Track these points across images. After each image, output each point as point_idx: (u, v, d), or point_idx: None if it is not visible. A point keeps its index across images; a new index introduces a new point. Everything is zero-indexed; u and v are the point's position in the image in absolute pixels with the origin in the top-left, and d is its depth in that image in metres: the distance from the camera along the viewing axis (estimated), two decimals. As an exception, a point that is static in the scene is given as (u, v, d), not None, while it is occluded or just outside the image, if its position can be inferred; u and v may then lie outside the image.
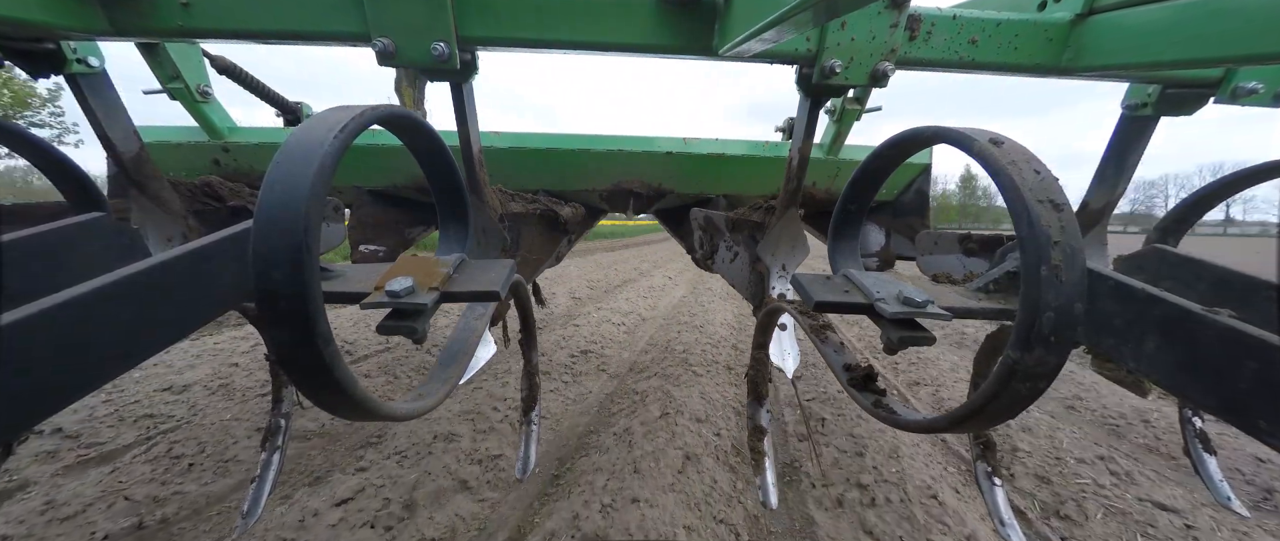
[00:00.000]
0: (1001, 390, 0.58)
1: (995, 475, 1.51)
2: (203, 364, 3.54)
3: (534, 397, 1.63)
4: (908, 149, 0.88)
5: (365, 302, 0.73)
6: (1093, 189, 1.54)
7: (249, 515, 1.51)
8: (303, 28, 1.12)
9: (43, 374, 0.56)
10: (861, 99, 2.09)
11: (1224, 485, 1.69)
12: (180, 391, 3.05)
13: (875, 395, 0.88)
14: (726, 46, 1.04)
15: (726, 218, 1.84)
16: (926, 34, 1.22)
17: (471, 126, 1.32)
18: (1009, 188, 0.58)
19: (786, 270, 1.58)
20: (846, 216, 1.09)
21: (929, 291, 0.86)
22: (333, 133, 0.54)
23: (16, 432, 0.56)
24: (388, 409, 0.66)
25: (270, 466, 1.55)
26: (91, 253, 0.98)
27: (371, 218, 2.00)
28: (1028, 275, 0.55)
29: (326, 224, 1.33)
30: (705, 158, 2.07)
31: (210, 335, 4.33)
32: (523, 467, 1.58)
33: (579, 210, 2.05)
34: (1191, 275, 1.18)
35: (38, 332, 0.55)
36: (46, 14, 1.02)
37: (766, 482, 1.45)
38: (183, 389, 3.09)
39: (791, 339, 1.58)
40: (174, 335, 0.75)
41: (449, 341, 1.03)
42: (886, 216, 2.20)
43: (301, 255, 0.49)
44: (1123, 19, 1.14)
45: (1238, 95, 1.24)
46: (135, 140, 1.37)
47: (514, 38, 1.14)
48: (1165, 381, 0.78)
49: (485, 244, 1.48)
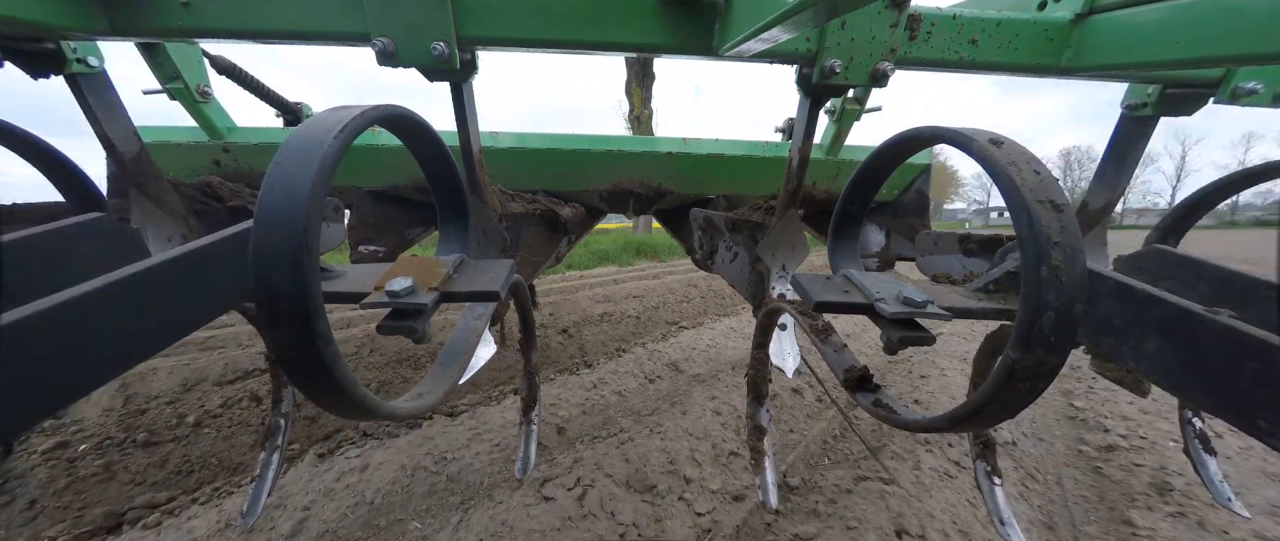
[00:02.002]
0: (1001, 390, 0.58)
1: (995, 475, 1.51)
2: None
3: (534, 397, 1.63)
4: (908, 149, 0.88)
5: (365, 302, 0.73)
6: (1093, 189, 1.54)
7: (248, 515, 1.51)
8: (303, 28, 1.12)
9: (43, 374, 0.55)
10: (861, 99, 2.09)
11: (1224, 486, 1.69)
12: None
13: (874, 395, 0.88)
14: (726, 46, 1.04)
15: (726, 218, 1.84)
16: (926, 34, 1.22)
17: (471, 126, 1.32)
18: (1009, 188, 0.58)
19: (786, 270, 1.58)
20: (846, 217, 1.09)
21: (929, 291, 0.86)
22: (333, 133, 0.54)
23: (17, 432, 0.56)
24: (388, 408, 0.66)
25: (270, 466, 1.55)
26: (91, 253, 0.98)
27: (371, 218, 2.00)
28: (1028, 275, 0.55)
29: (326, 224, 1.33)
30: (705, 158, 2.07)
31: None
32: (523, 467, 1.58)
33: (579, 210, 2.04)
34: (1192, 275, 1.18)
35: (38, 332, 0.55)
36: (46, 14, 1.02)
37: (767, 482, 1.45)
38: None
39: (791, 339, 1.58)
40: (174, 335, 0.75)
41: (449, 341, 1.03)
42: (886, 216, 2.20)
43: (301, 255, 0.49)
44: (1123, 19, 1.15)
45: (1238, 95, 1.24)
46: (135, 140, 1.37)
47: (514, 38, 1.14)
48: (1165, 381, 0.78)
49: (485, 244, 1.48)
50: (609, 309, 6.08)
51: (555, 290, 7.23)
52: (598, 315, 5.72)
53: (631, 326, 5.48)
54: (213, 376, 3.40)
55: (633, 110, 11.42)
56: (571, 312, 5.80)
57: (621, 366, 4.06)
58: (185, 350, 3.75)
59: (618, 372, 3.91)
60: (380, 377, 3.68)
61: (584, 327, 5.24)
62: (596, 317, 5.63)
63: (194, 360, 3.54)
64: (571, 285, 7.76)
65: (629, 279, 8.73)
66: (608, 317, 5.68)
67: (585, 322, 5.41)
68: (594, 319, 5.57)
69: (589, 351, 4.48)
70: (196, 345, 3.90)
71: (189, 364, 3.46)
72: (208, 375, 3.40)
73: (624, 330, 5.31)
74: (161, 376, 3.27)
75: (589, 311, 5.88)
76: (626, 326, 5.47)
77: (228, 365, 3.52)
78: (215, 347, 3.91)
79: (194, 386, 3.27)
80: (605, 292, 7.12)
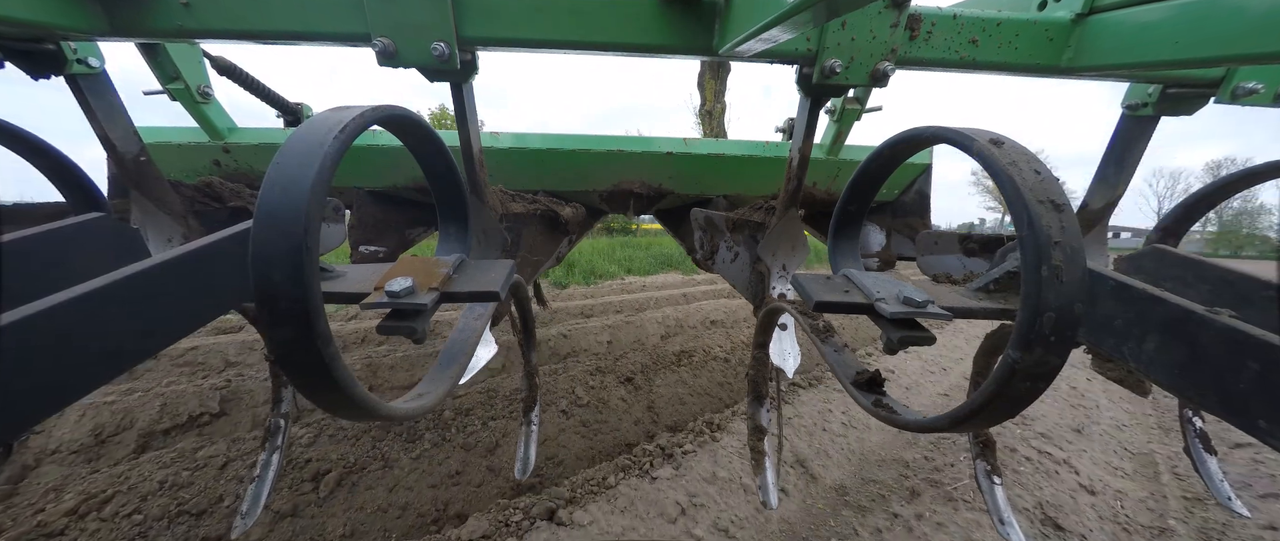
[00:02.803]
0: (1002, 390, 0.58)
1: (995, 474, 1.51)
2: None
3: (533, 398, 1.63)
4: (908, 149, 0.88)
5: (365, 303, 0.73)
6: (1093, 189, 1.54)
7: (248, 515, 1.51)
8: (303, 28, 1.12)
9: (43, 374, 0.55)
10: (861, 99, 2.09)
11: (1224, 485, 1.69)
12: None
13: (875, 395, 0.88)
14: (726, 46, 1.04)
15: (726, 218, 1.84)
16: (926, 34, 1.22)
17: (472, 127, 1.32)
18: (1009, 188, 0.58)
19: (787, 270, 1.58)
20: (847, 217, 1.09)
21: (929, 291, 0.86)
22: (333, 133, 0.54)
23: (17, 432, 0.56)
24: (387, 409, 0.66)
25: (270, 466, 1.55)
26: (91, 253, 0.98)
27: (371, 218, 2.00)
28: (1028, 275, 0.55)
29: (327, 224, 1.33)
30: (705, 158, 2.06)
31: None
32: (522, 468, 1.58)
33: (579, 210, 2.04)
34: (1192, 275, 1.17)
35: (38, 332, 0.55)
36: (46, 14, 1.02)
37: (767, 482, 1.45)
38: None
39: (791, 339, 1.58)
40: (174, 335, 0.75)
41: (449, 341, 1.03)
42: (887, 217, 2.20)
43: (301, 255, 0.49)
44: (1123, 19, 1.14)
45: (1238, 95, 1.24)
46: (135, 141, 1.37)
47: (514, 38, 1.14)
48: (1166, 381, 0.78)
49: (485, 244, 1.48)
50: (685, 344, 4.67)
51: (613, 306, 5.75)
52: (672, 355, 4.28)
53: (718, 372, 4.06)
54: (142, 423, 2.40)
55: (704, 104, 11.07)
56: (635, 345, 4.54)
57: (720, 460, 2.57)
58: (124, 377, 2.79)
59: (716, 476, 2.42)
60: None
61: (654, 374, 3.84)
62: (670, 358, 4.21)
63: (130, 392, 2.58)
64: (634, 298, 6.30)
65: (701, 293, 7.12)
66: (686, 359, 4.26)
67: (656, 366, 4.01)
68: (667, 360, 4.17)
69: (664, 417, 3.12)
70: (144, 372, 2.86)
71: (114, 404, 2.45)
72: (135, 421, 2.39)
73: (709, 379, 3.89)
74: (69, 421, 2.34)
75: (659, 348, 4.51)
76: (712, 373, 4.03)
77: (165, 407, 2.53)
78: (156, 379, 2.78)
79: (110, 437, 2.33)
80: (676, 316, 5.50)
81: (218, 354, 3.29)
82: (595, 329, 4.72)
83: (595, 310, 5.60)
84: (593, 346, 4.38)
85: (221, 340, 3.56)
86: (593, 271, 8.34)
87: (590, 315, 5.42)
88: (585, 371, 3.70)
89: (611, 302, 5.95)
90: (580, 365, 3.86)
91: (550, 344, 4.26)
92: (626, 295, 6.63)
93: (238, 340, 3.57)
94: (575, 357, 4.13)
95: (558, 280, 7.55)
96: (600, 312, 5.52)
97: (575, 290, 7.08)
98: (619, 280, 8.24)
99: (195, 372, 3.07)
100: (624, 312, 5.58)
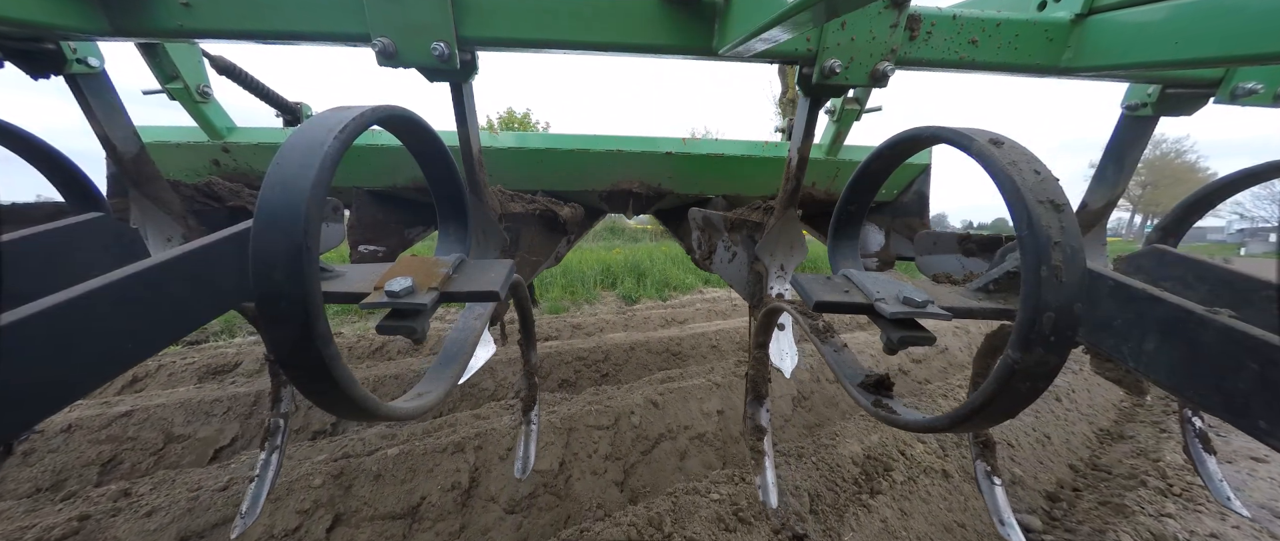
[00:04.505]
0: (1001, 390, 0.58)
1: (995, 474, 1.51)
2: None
3: (533, 397, 1.63)
4: (907, 149, 0.88)
5: (365, 303, 0.73)
6: (1093, 189, 1.54)
7: (248, 514, 1.51)
8: (303, 28, 1.12)
9: (43, 374, 0.55)
10: (861, 99, 2.09)
11: (1224, 485, 1.69)
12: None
13: (875, 395, 0.88)
14: (726, 46, 1.04)
15: (725, 217, 1.84)
16: (926, 34, 1.22)
17: (471, 126, 1.32)
18: (1009, 188, 0.58)
19: (785, 270, 1.58)
20: (846, 217, 1.09)
21: (929, 291, 0.86)
22: (333, 133, 0.54)
23: (17, 432, 0.56)
24: (387, 409, 0.66)
25: (269, 466, 1.55)
26: (91, 253, 0.98)
27: (371, 218, 2.00)
28: (1028, 275, 0.55)
29: (326, 224, 1.33)
30: (704, 158, 2.07)
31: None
32: (522, 467, 1.58)
33: (578, 210, 2.05)
34: (1191, 275, 1.18)
35: (38, 332, 0.55)
36: (46, 14, 1.02)
37: (766, 482, 1.45)
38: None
39: (790, 339, 1.58)
40: (173, 335, 0.75)
41: (448, 341, 1.03)
42: (886, 217, 2.20)
43: (301, 255, 0.49)
44: (1123, 19, 1.14)
45: (1238, 95, 1.24)
46: (135, 140, 1.37)
47: (514, 38, 1.14)
48: (1165, 381, 0.78)
49: (485, 244, 1.48)
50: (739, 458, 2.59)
51: (707, 338, 3.75)
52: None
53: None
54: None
55: (785, 93, 10.89)
56: (670, 447, 2.60)
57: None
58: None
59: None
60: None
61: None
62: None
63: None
64: (670, 334, 3.90)
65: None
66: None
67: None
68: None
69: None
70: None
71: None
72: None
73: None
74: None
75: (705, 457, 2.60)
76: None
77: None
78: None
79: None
80: (726, 388, 3.05)
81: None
82: (698, 392, 2.87)
83: (685, 348, 3.59)
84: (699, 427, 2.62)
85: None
86: (666, 283, 7.21)
87: (682, 355, 3.38)
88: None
89: (706, 335, 3.93)
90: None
91: (634, 422, 2.58)
92: (667, 332, 4.21)
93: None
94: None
95: (627, 293, 6.36)
96: (692, 352, 3.50)
97: (651, 309, 5.26)
98: (697, 292, 7.09)
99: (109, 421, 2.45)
100: (723, 349, 3.51)
